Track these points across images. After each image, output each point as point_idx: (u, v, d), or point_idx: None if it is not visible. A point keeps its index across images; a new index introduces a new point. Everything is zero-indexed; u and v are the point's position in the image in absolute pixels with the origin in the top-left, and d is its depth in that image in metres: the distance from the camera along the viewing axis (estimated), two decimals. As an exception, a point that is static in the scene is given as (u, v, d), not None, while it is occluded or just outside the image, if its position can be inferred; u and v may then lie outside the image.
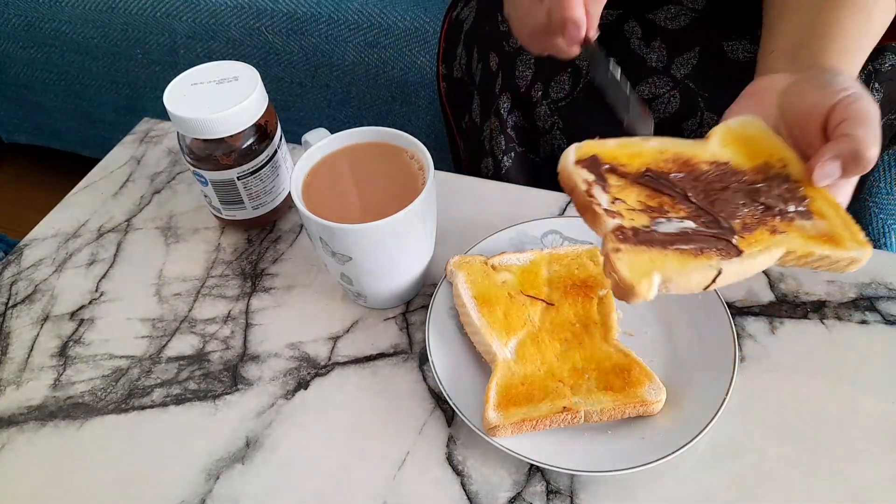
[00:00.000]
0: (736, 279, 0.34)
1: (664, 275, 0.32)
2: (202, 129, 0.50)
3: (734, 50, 0.61)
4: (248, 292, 0.54)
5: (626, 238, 0.34)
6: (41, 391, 0.49)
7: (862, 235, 0.34)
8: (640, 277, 0.32)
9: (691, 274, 0.33)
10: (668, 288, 0.33)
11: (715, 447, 0.43)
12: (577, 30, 0.39)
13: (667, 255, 0.33)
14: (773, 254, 0.34)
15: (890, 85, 0.58)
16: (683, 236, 0.34)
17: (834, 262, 0.34)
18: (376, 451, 0.44)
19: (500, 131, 0.67)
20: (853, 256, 0.34)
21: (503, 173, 0.67)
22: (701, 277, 0.33)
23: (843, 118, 0.35)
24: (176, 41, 1.18)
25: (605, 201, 0.36)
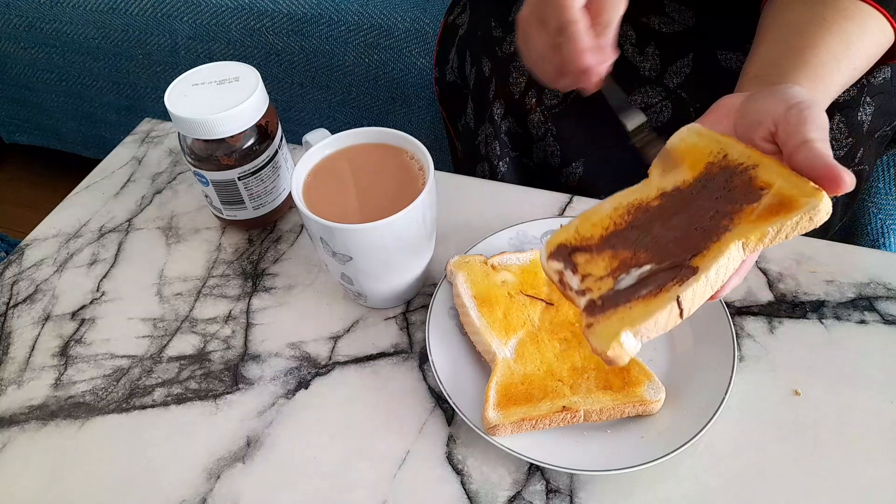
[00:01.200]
0: (704, 297, 0.34)
1: (632, 328, 0.33)
2: (203, 130, 0.50)
3: (728, 59, 0.61)
4: (249, 292, 0.54)
5: (595, 310, 0.35)
6: (42, 391, 0.49)
7: (811, 185, 0.33)
8: (608, 342, 0.33)
9: (655, 316, 0.33)
10: (643, 336, 0.33)
11: (714, 447, 0.43)
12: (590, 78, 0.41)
13: (631, 309, 0.34)
14: (729, 254, 0.34)
15: (882, 98, 0.59)
16: (642, 283, 0.35)
17: (795, 226, 0.33)
18: (376, 451, 0.44)
19: (494, 137, 0.67)
20: (808, 211, 0.33)
21: (499, 178, 0.68)
22: (666, 314, 0.33)
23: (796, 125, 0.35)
24: (177, 42, 1.18)
25: (576, 283, 0.37)
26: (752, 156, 0.36)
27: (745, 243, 0.34)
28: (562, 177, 0.66)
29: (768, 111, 0.36)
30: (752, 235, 0.33)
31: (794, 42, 0.45)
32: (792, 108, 0.35)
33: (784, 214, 0.33)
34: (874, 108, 0.58)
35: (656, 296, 0.34)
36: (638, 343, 0.33)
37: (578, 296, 0.37)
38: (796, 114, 0.35)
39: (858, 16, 0.46)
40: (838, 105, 0.57)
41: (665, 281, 0.34)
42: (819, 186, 0.33)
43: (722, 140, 0.38)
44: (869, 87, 0.57)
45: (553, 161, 0.65)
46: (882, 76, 0.58)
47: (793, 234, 0.34)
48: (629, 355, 0.33)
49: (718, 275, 0.34)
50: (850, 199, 0.65)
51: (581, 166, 0.64)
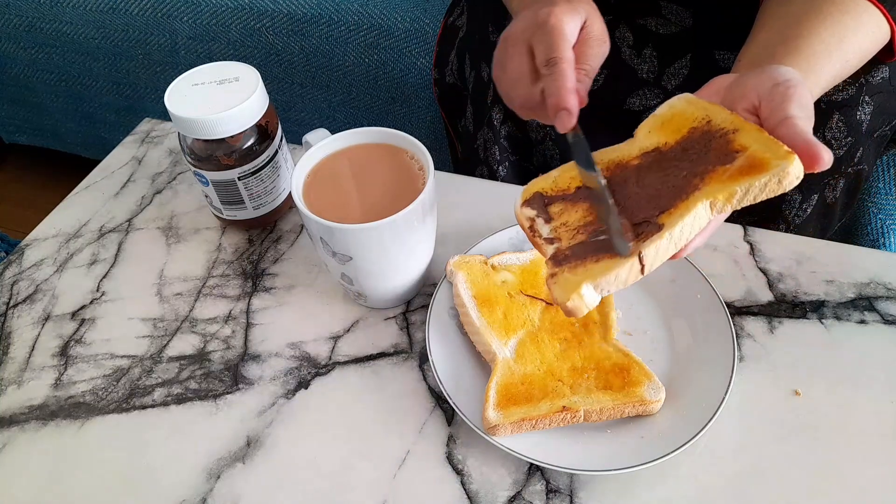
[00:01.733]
0: (667, 254, 0.34)
1: (593, 282, 0.33)
2: (203, 130, 0.50)
3: (726, 59, 0.61)
4: (249, 292, 0.54)
5: (560, 261, 0.36)
6: (42, 391, 0.49)
7: (785, 148, 0.33)
8: (569, 293, 0.33)
9: (616, 270, 0.33)
10: (603, 290, 0.34)
11: (714, 446, 0.43)
12: (570, 118, 0.39)
13: (596, 262, 0.34)
14: (695, 213, 0.34)
15: (881, 97, 0.59)
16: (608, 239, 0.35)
17: (764, 187, 0.33)
18: (377, 450, 0.44)
19: (494, 142, 0.67)
20: (778, 173, 0.33)
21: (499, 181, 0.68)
22: (627, 269, 0.33)
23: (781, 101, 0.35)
24: (177, 42, 1.18)
25: (546, 231, 0.38)
26: (735, 121, 0.37)
27: (712, 203, 0.34)
28: None
29: (755, 86, 0.37)
30: (720, 195, 0.34)
31: (788, 32, 0.46)
32: (778, 84, 0.36)
33: (754, 175, 0.33)
34: (873, 108, 0.58)
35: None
36: (598, 296, 0.34)
37: (546, 244, 0.37)
38: (782, 91, 0.35)
39: (854, 10, 0.46)
40: (837, 104, 0.57)
41: (631, 237, 0.34)
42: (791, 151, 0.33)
43: (709, 107, 0.38)
44: (868, 87, 0.57)
45: (553, 164, 0.65)
46: (881, 75, 0.58)
47: (761, 196, 0.34)
48: (588, 307, 0.33)
49: (683, 233, 0.34)
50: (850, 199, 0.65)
51: None
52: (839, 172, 0.61)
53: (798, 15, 0.46)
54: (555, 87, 0.39)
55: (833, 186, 0.62)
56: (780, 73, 0.37)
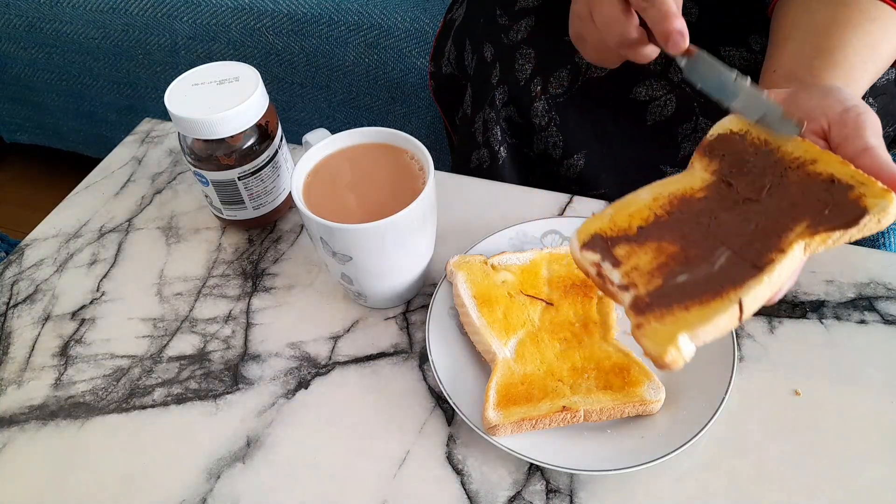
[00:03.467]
0: (765, 299, 0.32)
1: (689, 331, 0.31)
2: (203, 130, 0.50)
3: (731, 56, 0.61)
4: (249, 292, 0.54)
5: (643, 309, 0.33)
6: (42, 391, 0.49)
7: (880, 185, 0.32)
8: (665, 346, 0.31)
9: (715, 319, 0.31)
10: (702, 339, 0.31)
11: (714, 447, 0.43)
12: (684, 39, 0.39)
13: (687, 310, 0.32)
14: (792, 255, 0.32)
15: (885, 98, 0.59)
16: (696, 282, 0.33)
17: (863, 228, 0.32)
18: (377, 450, 0.44)
19: (494, 122, 0.67)
20: (878, 213, 0.31)
21: (499, 164, 0.67)
22: (727, 317, 0.31)
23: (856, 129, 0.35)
24: (177, 42, 1.18)
25: (617, 277, 0.35)
26: (809, 149, 0.35)
27: (807, 244, 0.32)
28: (562, 168, 0.66)
29: (822, 109, 0.37)
30: (817, 237, 0.32)
31: (822, 43, 0.46)
32: (849, 110, 0.35)
33: (851, 215, 0.32)
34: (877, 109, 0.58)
35: (715, 297, 0.32)
36: (693, 347, 0.32)
37: (621, 291, 0.34)
38: (854, 117, 0.35)
39: (881, 17, 0.46)
40: None
41: (723, 281, 0.32)
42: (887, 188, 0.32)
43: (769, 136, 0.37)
44: (872, 88, 0.58)
45: (554, 152, 0.65)
46: (885, 77, 0.58)
47: (857, 237, 0.32)
48: (685, 360, 0.31)
49: (781, 276, 0.32)
50: None
51: (582, 158, 0.64)
52: None
53: (826, 25, 0.46)
54: (659, 16, 0.40)
55: None
56: (847, 97, 0.36)
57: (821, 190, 0.33)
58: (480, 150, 0.68)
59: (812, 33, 0.47)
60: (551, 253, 0.51)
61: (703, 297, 0.32)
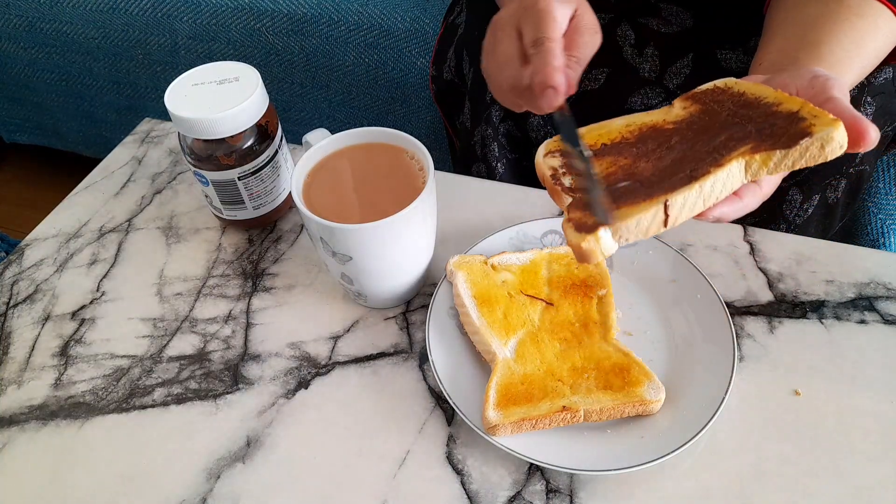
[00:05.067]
0: (694, 209, 0.33)
1: (612, 226, 0.32)
2: (203, 130, 0.50)
3: (727, 59, 0.61)
4: (249, 292, 0.54)
5: (580, 206, 0.34)
6: (42, 391, 0.49)
7: (830, 116, 0.33)
8: (584, 236, 0.32)
9: (638, 216, 0.32)
10: (622, 237, 0.32)
11: (714, 446, 0.43)
12: (556, 96, 0.38)
13: (617, 209, 0.33)
14: (729, 170, 0.33)
15: (883, 98, 0.59)
16: (634, 188, 0.34)
17: (804, 152, 0.32)
18: (377, 450, 0.44)
19: (493, 139, 0.67)
20: (822, 138, 0.32)
21: (497, 179, 0.67)
22: (650, 216, 0.32)
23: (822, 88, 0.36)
24: (177, 42, 1.18)
25: (568, 181, 0.37)
26: (779, 96, 0.36)
27: (748, 162, 0.33)
28: None
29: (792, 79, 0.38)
30: (758, 156, 0.33)
31: (808, 37, 0.46)
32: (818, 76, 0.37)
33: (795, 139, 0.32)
34: (875, 108, 0.58)
35: (644, 199, 0.33)
36: (615, 244, 0.32)
37: (566, 193, 0.36)
38: (822, 81, 0.36)
39: (870, 14, 0.46)
40: None
41: (657, 187, 0.33)
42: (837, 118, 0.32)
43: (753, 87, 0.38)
44: (870, 87, 0.57)
45: None
46: (883, 77, 0.58)
47: (800, 163, 0.33)
48: (603, 254, 0.32)
49: (714, 189, 0.33)
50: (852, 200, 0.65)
51: None
52: (841, 173, 0.61)
53: (815, 19, 0.46)
54: (541, 65, 0.39)
55: (835, 187, 0.62)
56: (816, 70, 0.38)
57: (775, 121, 0.35)
58: (479, 164, 0.69)
59: (800, 28, 0.47)
60: (551, 253, 0.51)
61: (633, 199, 0.33)
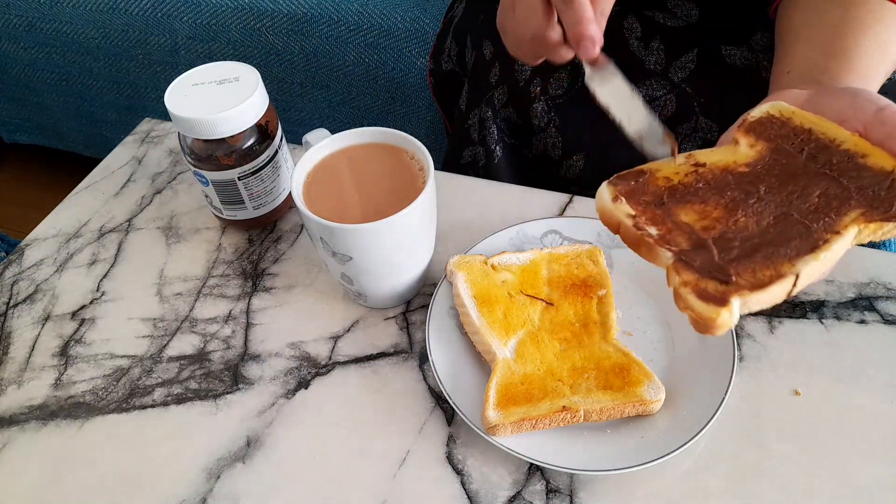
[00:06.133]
0: (818, 275, 0.32)
1: (742, 298, 0.30)
2: (203, 130, 0.50)
3: (732, 55, 0.61)
4: (249, 292, 0.54)
5: (689, 266, 0.32)
6: (42, 391, 0.49)
7: None
8: (719, 309, 0.30)
9: (772, 288, 0.30)
10: (749, 307, 0.31)
11: (714, 447, 0.43)
12: (594, 46, 0.39)
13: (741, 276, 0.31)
14: (846, 238, 0.32)
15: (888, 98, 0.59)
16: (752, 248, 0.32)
17: None
18: (376, 450, 0.44)
19: (492, 121, 0.67)
20: None
21: (495, 163, 0.67)
22: (782, 287, 0.31)
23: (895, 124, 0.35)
24: (177, 41, 1.18)
25: (655, 231, 0.34)
26: (860, 143, 0.35)
27: (860, 230, 0.32)
28: (561, 169, 0.66)
29: (853, 110, 0.36)
30: (872, 224, 0.32)
31: (834, 45, 0.45)
32: (883, 109, 0.35)
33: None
34: None
35: (770, 266, 0.31)
36: (738, 315, 0.31)
37: (660, 245, 0.33)
38: (891, 115, 0.35)
39: (890, 20, 0.46)
40: None
41: (779, 251, 0.32)
42: None
43: (818, 122, 0.36)
44: None
45: (554, 153, 0.65)
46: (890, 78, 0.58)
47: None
48: (732, 326, 0.31)
49: (833, 256, 0.32)
50: None
51: (582, 159, 0.64)
52: None
53: (838, 25, 0.46)
54: (575, 18, 0.39)
55: None
56: (876, 97, 0.36)
57: (874, 181, 0.33)
58: (475, 148, 0.68)
59: (823, 34, 0.47)
60: (551, 253, 0.51)
61: (757, 264, 0.31)
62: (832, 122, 0.36)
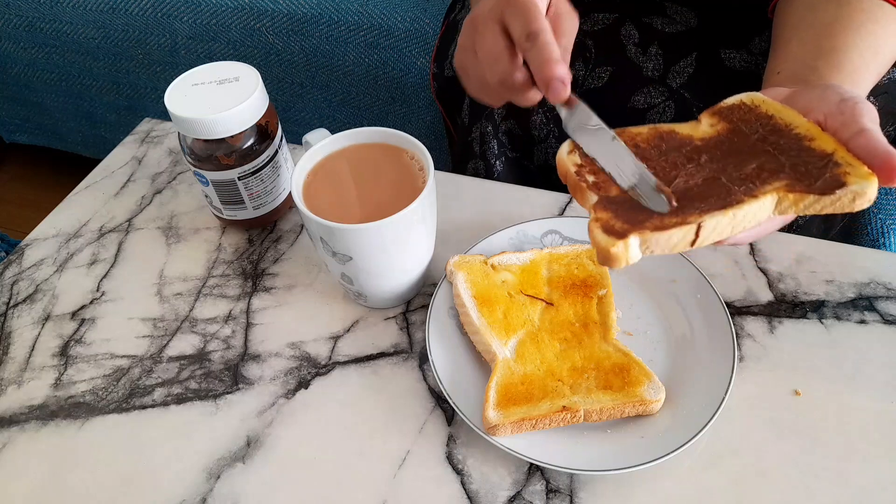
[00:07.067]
0: (720, 235, 0.33)
1: (642, 236, 0.32)
2: (203, 130, 0.50)
3: (731, 58, 0.61)
4: (249, 292, 0.54)
5: (608, 206, 0.35)
6: (42, 391, 0.49)
7: (865, 168, 0.33)
8: (615, 240, 0.32)
9: (671, 232, 0.32)
10: (650, 248, 0.33)
11: (714, 446, 0.43)
12: (563, 88, 0.37)
13: (648, 219, 0.33)
14: (762, 203, 0.33)
15: (886, 98, 0.59)
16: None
17: (835, 202, 0.33)
18: (377, 450, 0.44)
19: (492, 136, 0.67)
20: (854, 190, 0.33)
21: (495, 177, 0.67)
22: (681, 234, 0.32)
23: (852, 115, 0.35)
24: (177, 42, 1.18)
25: (593, 178, 0.37)
26: (811, 129, 0.36)
27: (780, 198, 0.33)
28: None
29: (819, 102, 0.37)
30: (791, 195, 0.33)
31: (825, 44, 0.46)
32: (846, 100, 0.36)
33: (830, 186, 0.33)
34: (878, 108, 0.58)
35: (678, 215, 0.33)
36: (640, 254, 0.33)
37: (592, 189, 0.36)
38: (851, 105, 0.35)
39: (884, 19, 0.46)
40: None
41: (690, 204, 0.33)
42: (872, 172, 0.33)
43: (781, 109, 0.38)
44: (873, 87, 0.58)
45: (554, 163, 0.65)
46: (887, 76, 0.58)
47: (829, 209, 0.33)
48: (628, 261, 0.32)
49: (745, 218, 0.33)
50: None
51: None
52: None
53: (829, 25, 0.46)
54: (541, 59, 0.38)
55: None
56: (844, 91, 0.37)
57: (810, 160, 0.35)
58: (477, 161, 0.68)
59: (815, 33, 0.47)
60: (551, 253, 0.51)
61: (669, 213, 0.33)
62: (795, 112, 0.38)
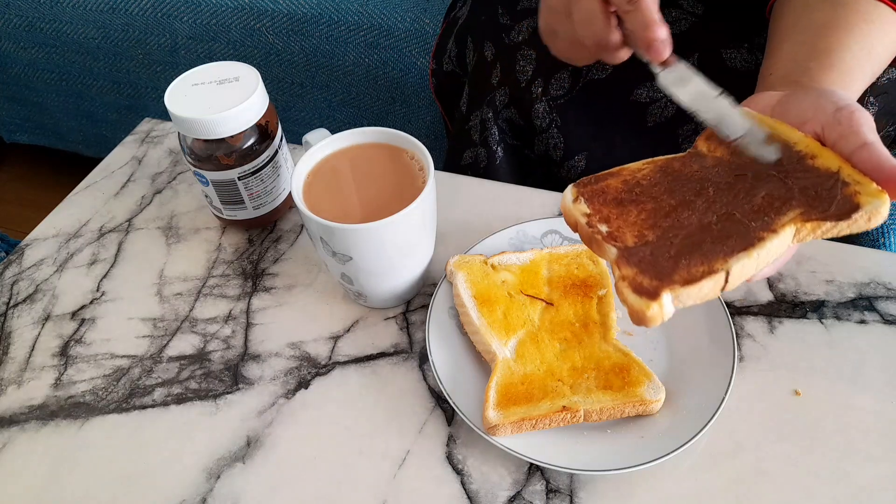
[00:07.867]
0: (751, 273, 0.33)
1: (674, 292, 0.32)
2: (203, 130, 0.50)
3: (732, 58, 0.61)
4: (249, 292, 0.54)
5: (630, 262, 0.34)
6: (42, 391, 0.49)
7: (874, 185, 0.33)
8: (649, 302, 0.31)
9: (701, 283, 0.32)
10: (682, 302, 0.32)
11: (714, 446, 0.43)
12: (666, 48, 0.39)
13: (675, 272, 0.32)
14: (783, 237, 0.33)
15: (886, 98, 0.59)
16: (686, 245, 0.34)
17: (852, 224, 0.32)
18: (377, 450, 0.44)
19: (493, 122, 0.67)
20: (869, 211, 0.32)
21: (496, 164, 0.67)
22: (712, 283, 0.32)
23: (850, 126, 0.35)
24: (177, 41, 1.18)
25: (606, 228, 0.36)
26: (811, 145, 0.36)
27: (798, 230, 0.33)
28: (563, 170, 0.66)
29: (814, 111, 0.37)
30: (809, 224, 0.33)
31: (819, 44, 0.45)
32: (841, 109, 0.35)
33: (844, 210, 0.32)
34: (878, 109, 0.58)
35: (703, 263, 0.32)
36: (673, 308, 0.32)
37: (608, 242, 0.35)
38: (847, 115, 0.35)
39: (879, 20, 0.46)
40: None
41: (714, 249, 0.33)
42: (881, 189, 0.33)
43: (776, 125, 0.37)
44: (873, 87, 0.57)
45: (555, 154, 0.65)
46: (887, 77, 0.58)
47: (846, 232, 0.33)
48: (664, 318, 0.32)
49: (769, 254, 0.33)
50: None
51: (583, 160, 0.64)
52: None
53: (824, 25, 0.46)
54: (644, 22, 0.39)
55: None
56: (839, 97, 0.36)
57: (818, 182, 0.34)
58: (476, 149, 0.68)
59: (809, 34, 0.47)
60: (551, 253, 0.51)
61: (692, 261, 0.33)
62: (790, 126, 0.37)
